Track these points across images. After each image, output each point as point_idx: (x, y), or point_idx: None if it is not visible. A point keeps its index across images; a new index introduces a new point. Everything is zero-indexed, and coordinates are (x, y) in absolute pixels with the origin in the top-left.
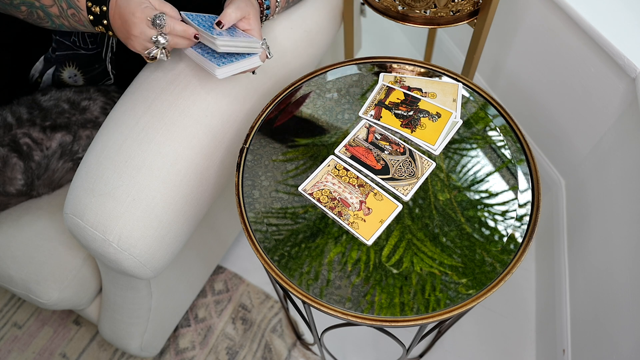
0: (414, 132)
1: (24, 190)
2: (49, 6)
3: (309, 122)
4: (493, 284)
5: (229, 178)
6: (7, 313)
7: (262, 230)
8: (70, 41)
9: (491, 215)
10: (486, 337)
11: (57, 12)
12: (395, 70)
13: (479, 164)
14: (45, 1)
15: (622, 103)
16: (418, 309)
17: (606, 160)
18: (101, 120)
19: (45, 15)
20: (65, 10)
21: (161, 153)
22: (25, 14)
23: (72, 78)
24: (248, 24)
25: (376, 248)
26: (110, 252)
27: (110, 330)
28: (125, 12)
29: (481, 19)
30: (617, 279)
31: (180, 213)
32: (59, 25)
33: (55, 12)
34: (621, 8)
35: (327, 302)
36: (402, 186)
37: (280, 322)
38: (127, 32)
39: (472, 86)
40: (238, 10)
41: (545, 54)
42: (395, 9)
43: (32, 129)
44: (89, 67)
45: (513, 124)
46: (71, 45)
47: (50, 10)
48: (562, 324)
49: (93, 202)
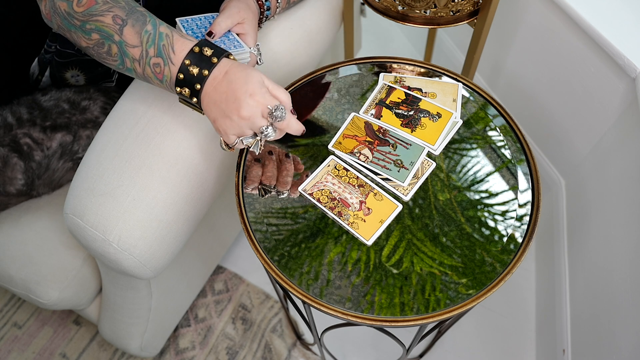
0: (414, 131)
1: (24, 190)
2: (132, 46)
3: (309, 122)
4: (493, 284)
5: (229, 178)
6: (7, 313)
7: (262, 230)
8: (75, 50)
9: (491, 215)
10: (486, 337)
11: (137, 55)
12: (395, 70)
13: (479, 164)
14: (130, 39)
15: (622, 103)
16: (418, 309)
17: (606, 160)
18: (101, 120)
19: (118, 54)
20: (150, 57)
21: (161, 153)
22: (93, 42)
23: (74, 78)
24: (242, 29)
25: (376, 248)
26: (110, 252)
27: (110, 330)
28: (240, 90)
29: (481, 19)
30: (617, 279)
31: (180, 213)
32: (126, 69)
33: (135, 54)
34: (621, 8)
35: (327, 302)
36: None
37: (280, 322)
38: (230, 112)
39: (472, 86)
40: (229, 19)
41: (545, 54)
42: (395, 9)
43: (32, 129)
44: (92, 69)
45: (513, 124)
46: (75, 53)
47: (129, 51)
48: (562, 324)
49: (93, 202)
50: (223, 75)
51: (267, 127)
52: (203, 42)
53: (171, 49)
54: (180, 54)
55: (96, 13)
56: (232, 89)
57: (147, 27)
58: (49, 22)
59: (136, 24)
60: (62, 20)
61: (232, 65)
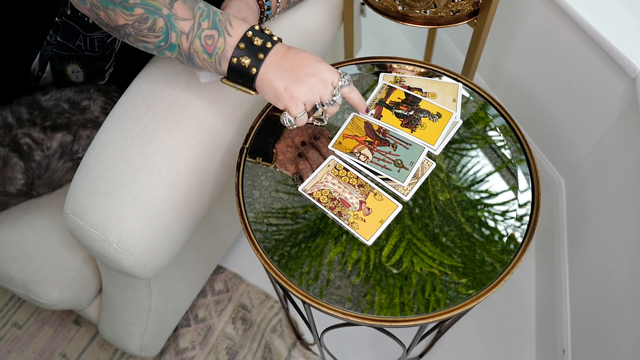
0: (414, 131)
1: (24, 190)
2: (182, 19)
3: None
4: (493, 284)
5: (229, 178)
6: (7, 313)
7: (262, 230)
8: (75, 46)
9: (491, 215)
10: (486, 337)
11: (187, 28)
12: (395, 70)
13: (479, 164)
14: (181, 12)
15: (622, 103)
16: (418, 309)
17: (606, 160)
18: (101, 120)
19: (163, 27)
20: (202, 29)
21: (161, 153)
22: (134, 18)
23: (75, 74)
24: None
25: (376, 248)
26: (110, 252)
27: (110, 330)
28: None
29: (481, 19)
30: (617, 279)
31: (180, 213)
32: (168, 45)
33: (184, 27)
34: (621, 8)
35: (327, 302)
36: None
37: (280, 322)
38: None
39: (472, 86)
40: None
41: (545, 54)
42: (395, 9)
43: (32, 129)
44: (91, 64)
45: (513, 124)
46: (75, 49)
47: (178, 24)
48: (562, 324)
49: (93, 202)
50: (286, 49)
51: (337, 92)
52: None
53: (229, 24)
54: (240, 28)
55: None
56: (304, 57)
57: (200, 5)
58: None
59: (188, 0)
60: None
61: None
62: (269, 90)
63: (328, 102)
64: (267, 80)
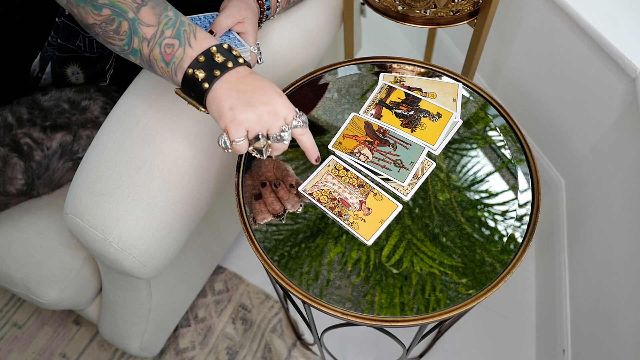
0: (414, 131)
1: (24, 190)
2: (146, 25)
3: (308, 122)
4: (493, 284)
5: (229, 178)
6: (7, 313)
7: (262, 230)
8: (75, 46)
9: (491, 215)
10: (486, 337)
11: (149, 34)
12: (395, 70)
13: (479, 164)
14: (146, 18)
15: (622, 103)
16: (418, 309)
17: (606, 160)
18: (101, 120)
19: (127, 31)
20: (164, 37)
21: (161, 153)
22: (102, 19)
23: (75, 75)
24: (242, 28)
25: (376, 248)
26: (110, 252)
27: (110, 330)
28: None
29: (481, 19)
30: (617, 279)
31: (180, 213)
32: (131, 50)
33: (146, 33)
34: (621, 8)
35: (327, 302)
36: (402, 186)
37: (280, 322)
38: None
39: (472, 86)
40: (229, 18)
41: (545, 54)
42: (395, 9)
43: (32, 129)
44: (90, 66)
45: (513, 124)
46: (75, 49)
47: (141, 29)
48: (562, 324)
49: (93, 202)
50: (249, 73)
51: (287, 128)
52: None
53: (193, 35)
54: (205, 42)
55: None
56: (262, 85)
57: (169, 13)
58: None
59: (157, 7)
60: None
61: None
62: (215, 106)
63: (275, 137)
64: (215, 96)
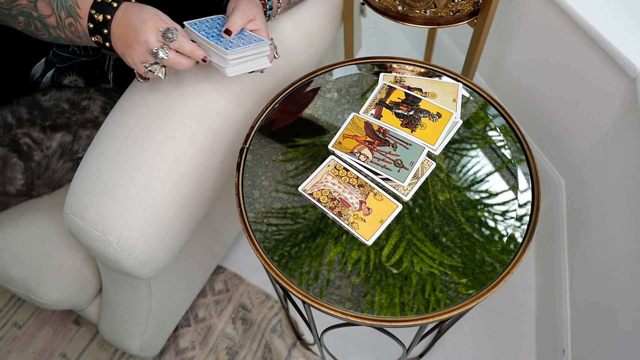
0: (414, 131)
1: (24, 190)
2: (47, 16)
3: (309, 122)
4: (493, 284)
5: (229, 178)
6: (7, 313)
7: (262, 230)
8: (70, 51)
9: (491, 215)
10: (486, 337)
11: (54, 22)
12: (395, 70)
13: (479, 164)
14: (43, 10)
15: (622, 103)
16: (418, 309)
17: (606, 160)
18: (101, 120)
19: (42, 27)
20: (63, 20)
21: (161, 153)
22: (22, 24)
23: (73, 83)
24: (255, 25)
25: (376, 248)
26: (110, 252)
27: (110, 330)
28: (135, 19)
29: (481, 19)
30: (617, 279)
31: (180, 213)
32: (55, 38)
33: (52, 22)
34: (621, 8)
35: (327, 302)
36: (402, 186)
37: (280, 322)
38: (130, 41)
39: (472, 86)
40: (244, 15)
41: (545, 54)
42: (395, 9)
43: (32, 129)
44: (89, 72)
45: (513, 124)
46: (71, 56)
47: (47, 21)
48: (562, 324)
49: (93, 202)
50: (123, 13)
51: (160, 47)
52: None
53: (77, 6)
54: (85, 8)
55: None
56: (129, 21)
57: None
58: None
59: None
60: None
61: (130, 4)
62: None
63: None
64: (115, 48)
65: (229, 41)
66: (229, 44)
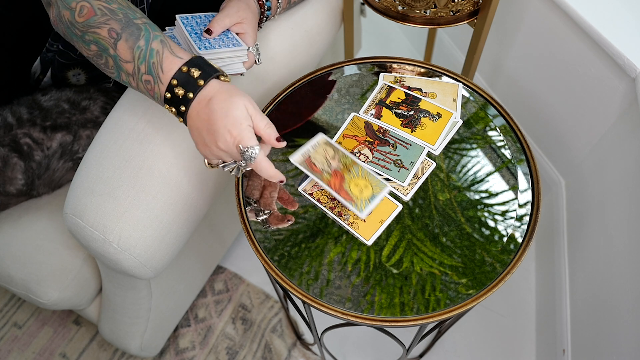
0: (414, 131)
1: (24, 190)
2: (125, 61)
3: (309, 122)
4: (493, 284)
5: (229, 178)
6: (7, 313)
7: (262, 230)
8: (77, 55)
9: (491, 215)
10: (486, 337)
11: (130, 70)
12: (395, 70)
13: (479, 164)
14: (123, 54)
15: (622, 103)
16: (418, 309)
17: (606, 160)
18: (101, 120)
19: (114, 67)
20: (141, 74)
21: (161, 153)
22: (92, 54)
23: (76, 77)
24: (241, 28)
25: (376, 248)
26: (110, 252)
27: (110, 330)
28: (219, 122)
29: (481, 19)
30: (617, 279)
31: (180, 213)
32: (123, 81)
33: (128, 69)
34: (621, 8)
35: (327, 302)
36: (402, 186)
37: (280, 322)
38: (207, 141)
39: (472, 86)
40: (227, 18)
41: (545, 54)
42: (395, 9)
43: (32, 129)
44: (93, 68)
45: (513, 124)
46: (77, 58)
47: (123, 65)
48: (562, 324)
49: (93, 202)
50: (207, 102)
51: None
52: (193, 60)
53: (160, 68)
54: (168, 73)
55: (94, 25)
56: (213, 120)
57: (140, 43)
58: (56, 28)
59: (130, 38)
60: (66, 29)
61: (218, 90)
62: None
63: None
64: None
65: (207, 41)
66: (207, 44)
